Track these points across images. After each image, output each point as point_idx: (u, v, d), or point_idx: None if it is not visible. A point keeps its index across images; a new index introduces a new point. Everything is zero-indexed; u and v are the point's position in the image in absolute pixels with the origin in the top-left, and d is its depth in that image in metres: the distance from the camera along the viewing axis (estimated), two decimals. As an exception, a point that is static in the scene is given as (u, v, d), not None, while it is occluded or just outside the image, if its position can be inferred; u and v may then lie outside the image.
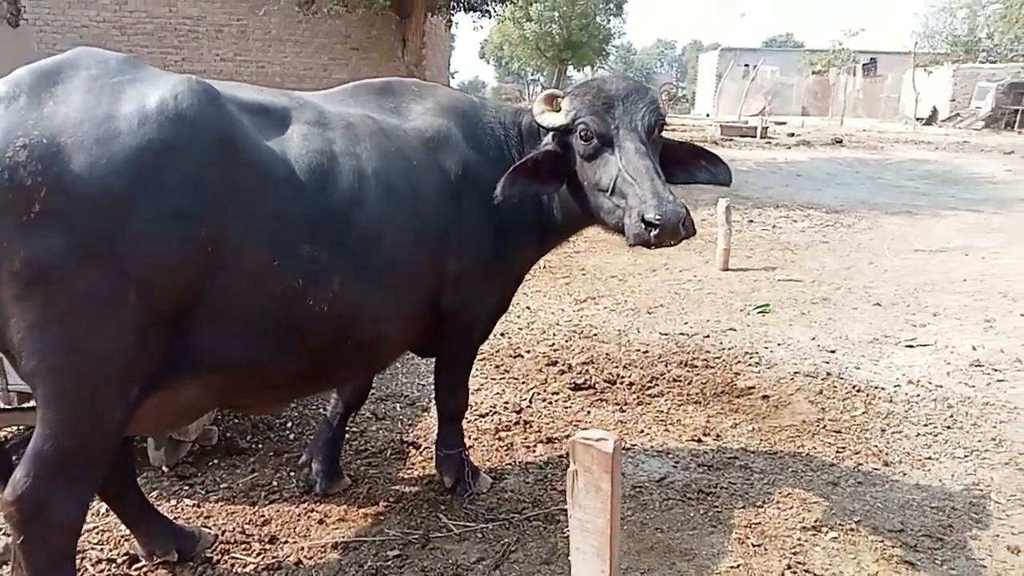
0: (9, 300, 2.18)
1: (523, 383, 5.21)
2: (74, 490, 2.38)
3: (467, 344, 3.59)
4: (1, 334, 2.25)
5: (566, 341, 6.03)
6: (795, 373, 5.36)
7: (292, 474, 3.92)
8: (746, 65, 54.07)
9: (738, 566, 3.21)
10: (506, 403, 4.84)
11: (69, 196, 2.12)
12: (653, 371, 5.37)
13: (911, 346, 5.95)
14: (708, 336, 6.16)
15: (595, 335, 6.18)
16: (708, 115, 45.37)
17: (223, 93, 2.55)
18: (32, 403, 4.14)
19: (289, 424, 4.49)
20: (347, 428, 3.96)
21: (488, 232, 3.27)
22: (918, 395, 5.00)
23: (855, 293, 7.52)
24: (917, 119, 36.31)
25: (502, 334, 6.09)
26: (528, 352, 5.77)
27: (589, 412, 4.74)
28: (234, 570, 3.15)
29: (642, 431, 4.47)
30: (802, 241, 10.09)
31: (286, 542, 3.36)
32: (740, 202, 12.31)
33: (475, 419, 4.56)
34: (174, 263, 2.30)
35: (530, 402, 4.89)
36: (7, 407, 3.73)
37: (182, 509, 3.59)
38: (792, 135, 27.96)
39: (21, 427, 4.12)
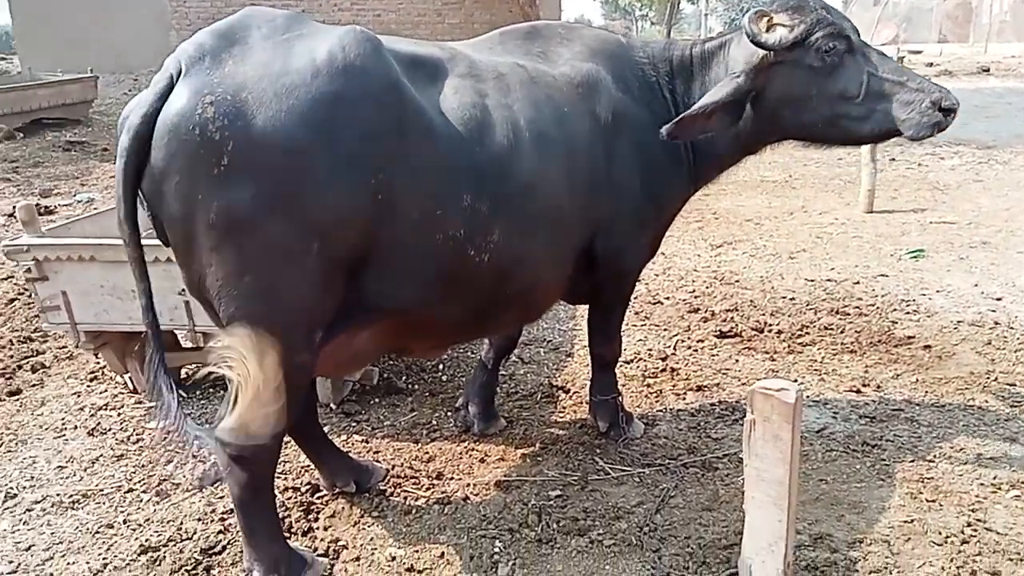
0: (207, 251, 2.33)
1: (666, 330, 5.16)
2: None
3: (620, 290, 3.58)
4: (201, 282, 2.42)
5: (706, 287, 5.91)
6: (958, 322, 5.05)
7: (449, 414, 4.07)
8: (877, -10, 50.09)
9: (912, 521, 3.10)
10: (650, 350, 4.82)
11: (254, 149, 2.23)
12: (802, 319, 5.19)
13: (1090, 294, 5.48)
14: (858, 282, 5.88)
15: (736, 281, 6.03)
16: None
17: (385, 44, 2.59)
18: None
19: (441, 366, 4.64)
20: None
21: (639, 176, 3.23)
22: (1102, 347, 4.62)
23: (1019, 236, 6.96)
24: (1078, 42, 32.72)
25: (639, 280, 6.02)
26: (668, 299, 5.70)
27: (737, 361, 4.65)
28: (407, 503, 3.32)
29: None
30: (952, 180, 9.39)
31: (452, 478, 3.50)
32: (880, 139, 11.53)
33: (621, 365, 4.51)
34: (350, 211, 2.39)
35: (675, 349, 4.85)
36: (194, 346, 4.03)
37: (352, 444, 3.81)
38: (931, 64, 25.83)
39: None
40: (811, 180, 9.70)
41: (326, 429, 3.90)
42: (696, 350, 4.84)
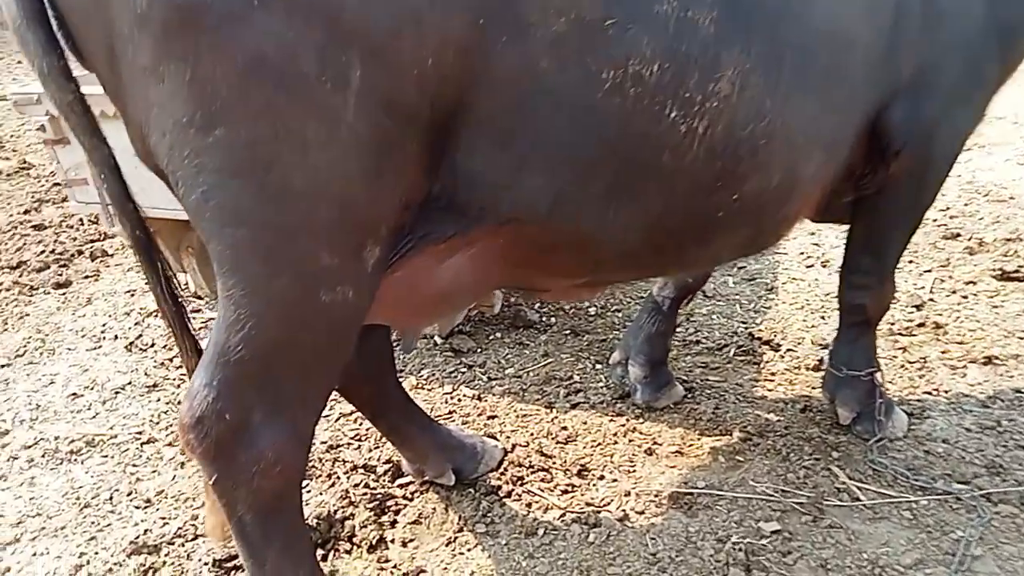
0: (144, 74, 1.15)
1: (912, 262, 3.60)
2: (285, 410, 1.40)
3: (920, 196, 2.15)
4: (145, 138, 1.24)
5: (964, 204, 4.20)
6: None
7: (599, 368, 2.81)
8: None
9: None
10: (896, 290, 3.29)
11: None
12: None
13: None
14: None
15: (1009, 197, 4.27)
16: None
17: None
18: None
19: (589, 293, 3.36)
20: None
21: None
22: None
23: None
24: None
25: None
26: (911, 217, 4.08)
27: (1037, 318, 3.07)
28: (531, 513, 2.13)
29: None
30: None
31: (602, 477, 2.27)
32: None
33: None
34: (423, 23, 1.16)
35: (931, 293, 3.31)
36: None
37: (459, 400, 2.65)
38: None
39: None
40: (1083, 71, 7.37)
41: (425, 373, 2.78)
42: (966, 296, 3.27)
